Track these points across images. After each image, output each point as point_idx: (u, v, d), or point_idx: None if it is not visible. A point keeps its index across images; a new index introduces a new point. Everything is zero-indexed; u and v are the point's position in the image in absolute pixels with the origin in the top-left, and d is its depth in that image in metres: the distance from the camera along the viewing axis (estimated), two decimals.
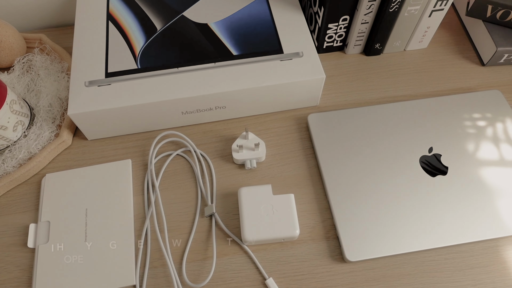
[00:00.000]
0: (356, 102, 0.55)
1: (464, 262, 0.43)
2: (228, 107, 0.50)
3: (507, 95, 0.55)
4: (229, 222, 0.46)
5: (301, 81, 0.48)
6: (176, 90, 0.47)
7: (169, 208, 0.47)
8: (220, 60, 0.50)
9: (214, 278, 0.42)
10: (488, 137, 0.50)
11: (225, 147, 0.51)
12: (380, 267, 0.43)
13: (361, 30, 0.55)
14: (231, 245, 0.44)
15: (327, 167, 0.48)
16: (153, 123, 0.51)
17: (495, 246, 0.44)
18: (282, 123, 0.53)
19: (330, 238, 0.45)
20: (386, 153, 0.49)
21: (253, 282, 0.42)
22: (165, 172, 0.49)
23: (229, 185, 0.48)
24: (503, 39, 0.56)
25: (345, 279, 0.42)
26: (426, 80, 0.57)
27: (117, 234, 0.44)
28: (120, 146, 0.51)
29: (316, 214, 0.46)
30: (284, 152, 0.51)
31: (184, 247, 0.44)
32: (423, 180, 0.47)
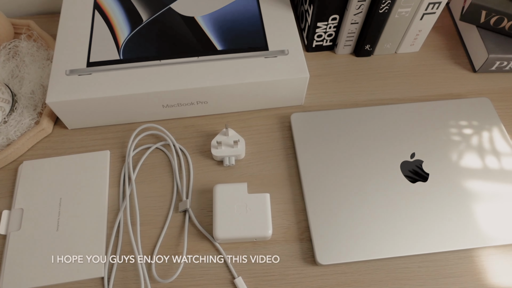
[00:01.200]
0: (342, 104, 0.54)
1: (438, 271, 0.42)
2: (210, 103, 0.50)
3: (496, 103, 0.54)
4: (203, 219, 0.45)
5: (284, 80, 0.48)
6: (157, 83, 0.47)
7: (144, 202, 0.46)
8: (204, 55, 0.49)
9: (183, 274, 0.42)
10: (472, 145, 0.49)
11: (205, 142, 0.50)
12: (352, 272, 0.42)
13: (351, 30, 0.54)
14: (203, 242, 0.44)
15: (306, 168, 0.47)
16: (134, 115, 0.50)
17: (470, 256, 0.43)
18: (265, 121, 0.52)
19: (304, 240, 0.44)
20: (367, 156, 0.48)
21: (222, 281, 0.42)
22: (143, 165, 0.49)
23: (206, 181, 0.48)
24: (495, 46, 0.55)
25: (315, 282, 0.42)
26: (415, 85, 0.56)
27: (89, 225, 0.44)
28: (100, 136, 0.51)
29: (291, 215, 0.46)
30: (264, 151, 0.50)
31: (156, 242, 0.44)
32: (402, 186, 0.46)
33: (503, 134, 0.50)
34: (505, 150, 0.49)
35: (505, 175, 0.47)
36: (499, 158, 0.48)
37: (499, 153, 0.48)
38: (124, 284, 0.41)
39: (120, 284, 0.41)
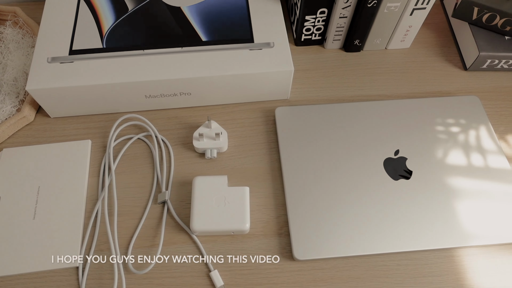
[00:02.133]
0: (328, 99, 0.53)
1: (417, 270, 0.42)
2: (193, 94, 0.49)
3: (485, 102, 0.53)
4: (181, 211, 0.45)
5: (268, 72, 0.47)
6: (139, 73, 0.46)
7: (123, 192, 0.46)
8: (188, 45, 0.48)
9: (158, 266, 0.42)
10: (458, 144, 0.48)
11: (188, 134, 0.50)
12: (329, 268, 0.42)
13: (340, 24, 0.53)
14: (180, 234, 0.43)
15: (288, 162, 0.46)
16: (117, 105, 0.50)
17: (450, 256, 0.43)
18: (250, 115, 0.52)
19: (283, 234, 0.44)
20: (351, 152, 0.47)
21: (198, 273, 0.41)
22: (124, 156, 0.48)
23: (187, 173, 0.47)
24: (487, 43, 0.54)
25: (292, 277, 0.41)
26: (404, 81, 0.55)
27: (66, 215, 0.43)
28: (82, 126, 0.50)
29: (271, 209, 0.45)
30: (247, 144, 0.49)
31: (133, 233, 0.43)
32: (385, 183, 0.45)
33: (490, 133, 0.49)
34: (491, 149, 0.48)
35: (489, 175, 0.46)
36: (484, 158, 0.47)
37: (485, 152, 0.48)
38: (98, 274, 0.41)
39: (95, 275, 0.41)
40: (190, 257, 0.42)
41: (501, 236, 0.43)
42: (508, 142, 0.50)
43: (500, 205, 0.44)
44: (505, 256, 0.43)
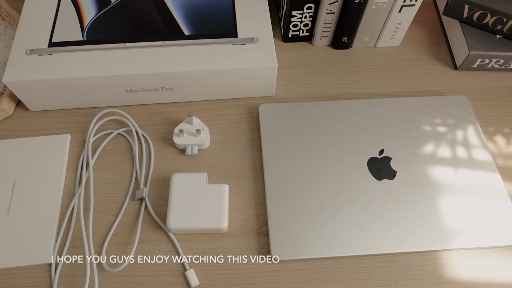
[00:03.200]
0: (314, 96, 0.52)
1: (398, 272, 0.41)
2: (175, 89, 0.48)
3: (474, 102, 0.52)
4: (159, 208, 0.44)
5: (251, 68, 0.46)
6: (119, 66, 0.45)
7: (100, 188, 0.45)
8: (170, 39, 0.47)
9: (133, 264, 0.41)
10: (445, 145, 0.47)
11: (169, 130, 0.49)
12: (308, 269, 0.41)
13: (327, 20, 0.52)
14: (157, 232, 0.42)
15: (270, 160, 0.45)
16: (98, 99, 0.49)
17: (433, 258, 0.42)
18: (233, 111, 0.51)
19: (262, 234, 0.43)
20: (334, 151, 0.46)
21: (173, 272, 0.40)
22: (103, 151, 0.47)
23: (167, 170, 0.46)
24: (477, 42, 0.52)
25: (269, 278, 0.40)
26: (392, 80, 0.54)
27: (41, 210, 0.42)
28: (63, 120, 0.49)
29: (251, 208, 0.44)
30: (229, 141, 0.48)
31: (109, 230, 0.42)
32: (368, 183, 0.44)
33: (478, 134, 0.48)
34: (479, 151, 0.47)
35: (475, 177, 0.45)
36: (471, 159, 0.46)
37: (472, 153, 0.47)
38: (71, 272, 0.40)
39: (68, 272, 0.40)
40: (166, 256, 0.41)
41: (485, 240, 0.42)
42: (497, 143, 0.49)
43: (485, 208, 0.43)
44: (489, 260, 0.42)
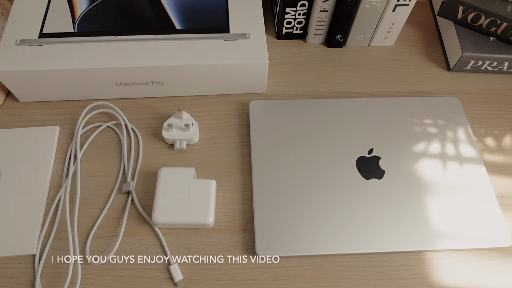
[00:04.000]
0: (306, 94, 0.52)
1: (383, 272, 0.41)
2: (166, 83, 0.48)
3: (466, 103, 0.52)
4: (146, 202, 0.44)
5: (242, 64, 0.46)
6: (109, 59, 0.45)
7: (88, 181, 0.45)
8: (162, 33, 0.47)
9: (117, 257, 0.40)
10: (435, 145, 0.47)
11: (159, 124, 0.49)
12: (293, 267, 0.41)
13: (321, 18, 0.52)
14: (143, 226, 0.42)
15: (258, 156, 0.45)
16: (88, 91, 0.49)
17: (419, 259, 0.42)
18: (224, 107, 0.50)
19: (248, 230, 0.42)
20: (323, 149, 0.46)
21: (157, 266, 0.40)
22: (91, 143, 0.47)
23: (155, 164, 0.46)
24: (471, 44, 0.52)
25: (253, 274, 0.40)
26: (385, 79, 0.54)
27: (27, 201, 0.42)
28: (52, 111, 0.49)
29: (238, 204, 0.44)
30: (219, 137, 0.48)
31: (94, 222, 0.42)
32: (356, 182, 0.44)
33: (468, 136, 0.48)
34: (468, 152, 0.46)
35: (464, 179, 0.45)
36: (460, 161, 0.46)
37: (461, 155, 0.46)
38: (55, 263, 0.40)
39: (51, 263, 0.40)
40: (151, 250, 0.41)
41: (472, 241, 0.41)
42: (487, 145, 0.49)
43: (472, 210, 0.43)
44: (475, 262, 0.41)
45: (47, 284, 0.39)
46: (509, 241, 0.41)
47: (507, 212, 0.44)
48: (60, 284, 0.39)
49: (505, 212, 0.44)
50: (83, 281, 0.39)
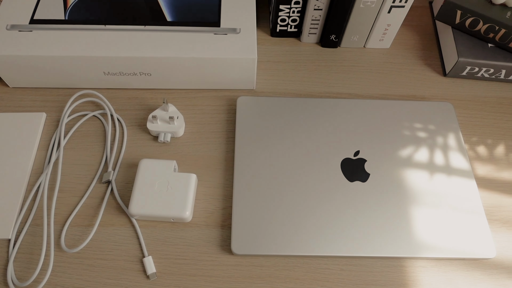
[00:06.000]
0: (296, 93, 0.51)
1: (360, 277, 0.40)
2: (154, 75, 0.48)
3: (460, 110, 0.51)
4: (125, 193, 0.43)
5: (230, 58, 0.45)
6: (98, 48, 0.45)
7: (69, 168, 0.45)
8: (152, 24, 0.47)
9: (92, 247, 0.40)
10: (423, 151, 0.46)
11: (145, 116, 0.48)
12: (268, 266, 0.40)
13: (315, 17, 0.51)
14: (120, 216, 0.42)
15: (241, 153, 0.45)
16: (76, 80, 0.49)
17: (398, 265, 0.41)
18: (212, 102, 0.50)
19: (226, 227, 0.42)
20: (309, 149, 0.45)
21: (131, 258, 0.40)
22: (76, 132, 0.47)
23: (138, 155, 0.46)
24: (467, 49, 0.51)
25: (227, 271, 0.40)
26: (378, 82, 0.53)
27: (7, 186, 0.42)
28: (40, 98, 0.49)
29: (218, 200, 0.43)
30: (205, 132, 0.48)
31: (72, 210, 0.42)
32: (339, 183, 0.43)
33: (459, 143, 0.46)
34: (458, 160, 0.45)
35: (451, 187, 0.44)
36: (449, 169, 0.45)
37: (450, 163, 0.45)
38: (29, 249, 0.40)
39: (26, 248, 0.40)
40: (126, 241, 0.41)
41: (455, 251, 0.40)
42: (478, 154, 0.48)
43: (457, 219, 0.42)
44: (455, 272, 0.40)
45: (20, 269, 0.39)
46: (493, 252, 0.40)
47: (494, 223, 0.43)
48: (32, 270, 0.39)
49: (491, 223, 0.43)
50: (55, 268, 0.39)
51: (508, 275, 0.40)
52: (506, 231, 0.43)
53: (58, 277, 0.39)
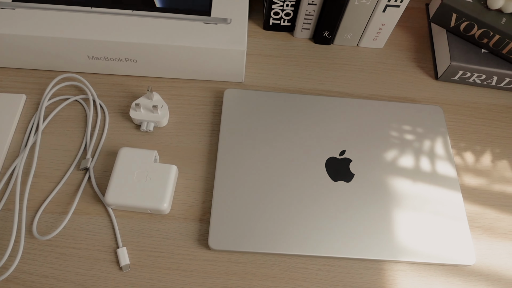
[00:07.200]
0: (285, 88, 0.50)
1: (338, 278, 0.39)
2: (140, 62, 0.46)
3: (450, 115, 0.50)
4: (103, 181, 0.42)
5: (218, 49, 0.44)
6: (82, 30, 0.43)
7: (46, 153, 0.43)
8: (140, 9, 0.45)
9: (65, 235, 0.39)
10: (409, 153, 0.45)
11: (130, 103, 0.47)
12: (245, 263, 0.39)
13: (309, 11, 0.50)
14: (96, 205, 0.41)
15: (225, 146, 0.44)
16: (60, 62, 0.47)
17: (377, 268, 0.40)
18: (199, 93, 0.49)
19: (204, 221, 0.41)
20: (294, 146, 0.44)
21: (105, 248, 0.39)
22: (56, 116, 0.46)
23: (118, 143, 0.45)
24: (461, 54, 0.50)
25: (203, 266, 0.39)
26: (369, 82, 0.52)
27: None
28: (21, 79, 0.48)
29: (199, 193, 0.42)
30: (189, 123, 0.47)
31: (47, 196, 0.41)
32: (323, 182, 0.43)
33: (446, 148, 0.46)
34: (444, 165, 0.45)
35: (435, 192, 0.43)
36: (434, 173, 0.44)
37: (436, 167, 0.45)
38: (0, 234, 0.38)
39: None
40: (101, 230, 0.40)
41: (434, 256, 0.40)
42: (465, 159, 0.47)
43: (439, 224, 0.41)
44: (434, 277, 0.40)
45: None
46: (472, 259, 0.40)
47: (475, 230, 0.43)
48: (0, 256, 0.37)
49: (473, 230, 0.43)
50: (25, 255, 0.38)
51: (486, 283, 0.40)
52: (487, 238, 0.42)
53: (28, 264, 0.37)
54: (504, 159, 0.47)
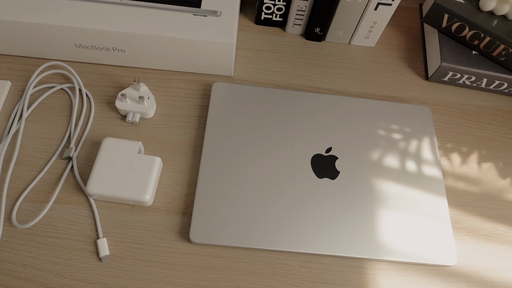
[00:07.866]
0: (275, 84, 0.50)
1: (319, 275, 0.39)
2: (127, 52, 0.46)
3: (438, 115, 0.50)
4: (86, 171, 0.42)
5: (207, 41, 0.44)
6: (69, 17, 0.43)
7: (29, 141, 0.43)
8: None
9: (45, 224, 0.39)
10: (395, 153, 0.45)
11: (116, 93, 0.47)
12: (226, 257, 0.39)
13: (301, 7, 0.50)
14: (78, 195, 0.40)
15: (210, 140, 0.43)
16: (46, 49, 0.46)
17: (359, 266, 0.40)
18: (187, 85, 0.48)
19: (187, 214, 0.41)
20: (280, 142, 0.44)
21: (85, 238, 0.38)
22: (41, 104, 0.45)
23: (103, 133, 0.44)
24: (451, 54, 0.50)
25: (184, 260, 0.38)
26: (359, 80, 0.52)
27: None
28: (6, 66, 0.47)
29: (183, 186, 0.42)
30: (176, 115, 0.46)
31: (28, 184, 0.40)
32: (307, 179, 0.42)
33: (433, 149, 0.46)
34: (429, 165, 0.45)
35: (420, 192, 0.43)
36: (419, 173, 0.44)
37: (422, 167, 0.45)
38: None
39: None
40: (82, 221, 0.39)
41: (416, 255, 0.40)
42: (451, 160, 0.47)
43: (422, 225, 0.41)
44: (415, 277, 0.40)
45: None
46: (454, 260, 0.40)
47: (458, 231, 0.43)
48: None
49: (456, 231, 0.43)
50: (3, 244, 0.37)
51: (467, 284, 0.40)
52: (469, 240, 0.42)
53: (6, 252, 0.37)
54: (490, 162, 0.47)
